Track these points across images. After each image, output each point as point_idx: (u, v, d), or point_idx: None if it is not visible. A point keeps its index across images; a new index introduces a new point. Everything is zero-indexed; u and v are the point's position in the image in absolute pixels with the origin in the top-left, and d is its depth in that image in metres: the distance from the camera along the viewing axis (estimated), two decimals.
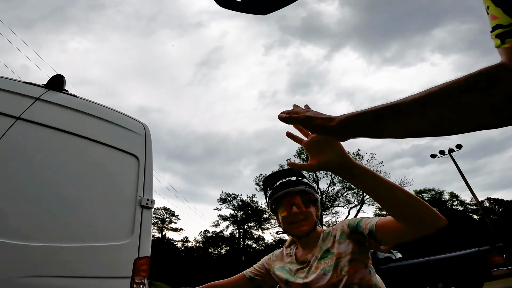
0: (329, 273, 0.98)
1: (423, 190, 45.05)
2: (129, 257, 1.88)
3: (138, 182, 2.20)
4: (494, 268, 6.35)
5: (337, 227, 1.11)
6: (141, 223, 2.07)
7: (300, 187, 1.16)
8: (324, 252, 1.07)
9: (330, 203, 27.76)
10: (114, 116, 2.24)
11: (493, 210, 42.54)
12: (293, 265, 1.15)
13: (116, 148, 2.17)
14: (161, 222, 50.69)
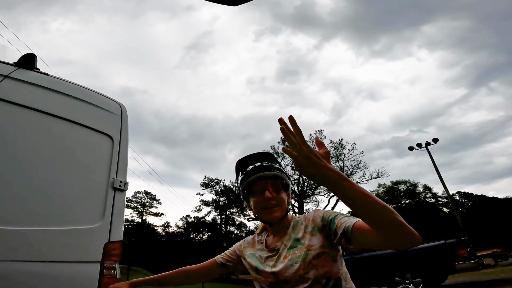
0: (296, 264, 0.98)
1: (399, 181, 46.82)
2: (99, 242, 1.79)
3: (111, 163, 2.10)
4: (458, 261, 6.48)
5: (309, 216, 1.10)
6: (113, 206, 1.97)
7: (273, 172, 1.12)
8: (294, 241, 1.06)
9: (311, 191, 28.25)
10: (88, 95, 2.14)
11: (463, 203, 44.92)
12: (263, 252, 1.13)
13: (89, 127, 2.06)
14: (141, 206, 50.08)
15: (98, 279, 1.70)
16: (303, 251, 0.99)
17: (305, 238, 1.03)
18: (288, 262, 1.00)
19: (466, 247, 6.61)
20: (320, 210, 1.08)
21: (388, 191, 46.20)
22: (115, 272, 1.78)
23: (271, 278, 1.04)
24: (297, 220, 1.13)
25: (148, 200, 50.59)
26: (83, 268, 1.70)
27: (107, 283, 1.69)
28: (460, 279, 8.71)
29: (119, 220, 1.96)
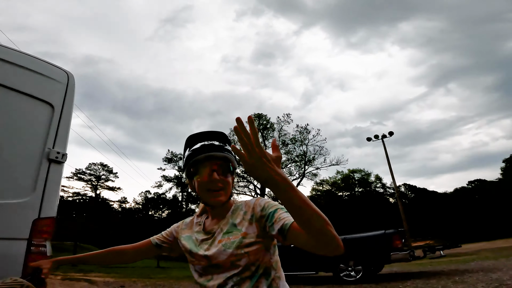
0: (229, 250, 0.97)
1: (355, 170, 49.67)
2: (27, 217, 1.61)
3: (48, 133, 1.93)
4: (393, 252, 6.69)
5: (250, 203, 1.07)
6: (47, 179, 1.78)
7: (223, 154, 1.07)
8: (231, 226, 1.03)
9: None
10: (30, 61, 2.00)
11: (406, 195, 49.04)
12: (199, 235, 1.10)
13: (26, 94, 1.91)
14: (95, 179, 47.56)
15: (23, 257, 1.52)
16: (238, 238, 0.98)
17: (242, 225, 1.02)
18: (222, 247, 0.98)
19: (402, 238, 7.02)
20: (262, 199, 1.06)
21: (345, 178, 48.89)
22: (45, 250, 1.62)
23: (204, 262, 1.01)
24: (237, 205, 1.11)
25: (104, 173, 48.03)
26: (7, 245, 1.54)
27: (35, 261, 1.53)
28: (394, 269, 9.48)
29: (53, 194, 1.77)
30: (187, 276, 10.64)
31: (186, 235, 1.15)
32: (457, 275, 6.27)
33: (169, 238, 1.21)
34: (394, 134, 21.45)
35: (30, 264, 1.15)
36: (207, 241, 1.05)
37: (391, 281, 6.59)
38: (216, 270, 0.98)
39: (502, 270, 6.26)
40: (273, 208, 0.98)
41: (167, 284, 8.72)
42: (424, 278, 6.49)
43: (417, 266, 9.61)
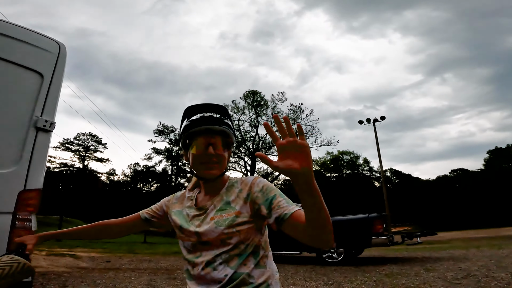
0: (221, 228, 0.95)
1: (344, 151, 50.38)
2: (11, 189, 1.54)
3: (37, 101, 1.86)
4: (374, 236, 6.72)
5: (247, 181, 1.03)
6: (34, 148, 1.70)
7: (222, 127, 1.02)
8: (225, 203, 1.01)
9: (265, 150, 28.97)
10: (20, 32, 1.97)
11: (391, 180, 50.32)
12: (191, 210, 1.07)
13: (15, 63, 1.86)
14: (84, 150, 46.74)
15: (8, 232, 1.46)
16: (231, 216, 0.96)
17: (236, 203, 0.99)
18: (214, 224, 0.96)
19: (383, 223, 7.09)
20: (260, 179, 1.02)
21: (334, 159, 49.66)
22: (30, 224, 1.56)
23: (194, 238, 0.99)
24: (232, 181, 1.06)
25: (93, 144, 47.09)
26: None
27: (20, 236, 1.47)
28: (374, 253, 9.84)
29: (39, 165, 1.70)
30: (174, 252, 10.83)
31: (176, 209, 1.11)
32: (430, 263, 6.53)
33: (158, 213, 1.17)
34: (385, 119, 21.63)
35: (14, 240, 1.09)
36: (198, 217, 1.02)
37: (369, 264, 6.84)
38: (205, 247, 0.97)
39: (471, 261, 6.52)
40: (271, 193, 0.95)
41: (153, 259, 8.85)
42: (399, 263, 6.74)
43: (394, 251, 9.94)
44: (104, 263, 7.44)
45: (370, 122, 21.85)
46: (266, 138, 28.56)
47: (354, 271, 5.91)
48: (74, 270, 5.96)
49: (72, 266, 6.39)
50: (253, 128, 28.46)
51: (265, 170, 29.70)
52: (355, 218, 7.39)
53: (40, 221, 7.77)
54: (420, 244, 7.91)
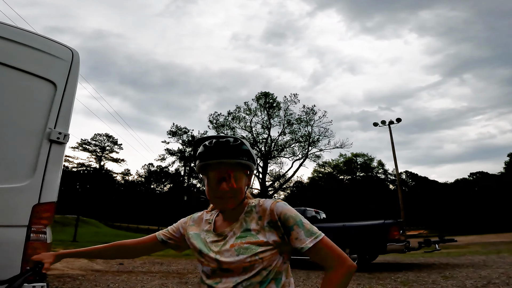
0: (243, 256, 0.93)
1: (358, 154, 49.56)
2: (26, 202, 1.56)
3: (50, 112, 1.85)
4: (390, 242, 6.60)
5: (265, 207, 0.99)
6: (47, 161, 1.71)
7: (237, 160, 0.97)
8: (244, 230, 0.98)
9: (277, 152, 28.81)
10: (32, 39, 1.92)
11: (407, 182, 49.08)
12: (209, 235, 1.04)
13: (27, 72, 1.83)
14: (100, 150, 47.97)
15: (23, 245, 1.49)
16: (253, 244, 0.94)
17: (257, 231, 0.97)
18: (235, 252, 0.94)
19: (399, 229, 6.93)
20: (278, 205, 0.97)
21: (347, 162, 48.94)
22: (45, 236, 1.58)
23: (214, 265, 0.97)
24: (251, 206, 1.03)
25: (109, 144, 48.35)
26: (6, 233, 1.49)
27: (35, 249, 1.50)
28: (388, 258, 9.58)
29: (53, 178, 1.72)
30: (186, 254, 10.90)
31: (194, 232, 1.09)
32: (448, 270, 6.32)
33: (175, 235, 1.16)
34: (401, 120, 21.12)
35: (32, 258, 1.09)
36: (217, 243, 1.00)
37: (383, 271, 6.67)
38: (226, 274, 0.95)
39: (492, 268, 6.28)
40: (291, 222, 0.94)
41: (165, 261, 8.94)
42: (415, 270, 6.55)
43: (410, 257, 9.66)
44: (118, 265, 7.56)
45: (386, 124, 21.40)
46: (278, 140, 28.45)
47: (368, 278, 5.78)
48: (88, 273, 6.08)
49: (87, 269, 6.53)
50: (265, 130, 28.39)
51: (277, 173, 29.56)
52: (370, 224, 7.25)
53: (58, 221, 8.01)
54: (437, 251, 7.68)
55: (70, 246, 12.26)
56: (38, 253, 1.52)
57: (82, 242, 14.50)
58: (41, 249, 1.53)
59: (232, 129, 27.71)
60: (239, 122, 28.04)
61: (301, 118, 27.51)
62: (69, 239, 15.27)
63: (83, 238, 16.43)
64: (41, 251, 1.53)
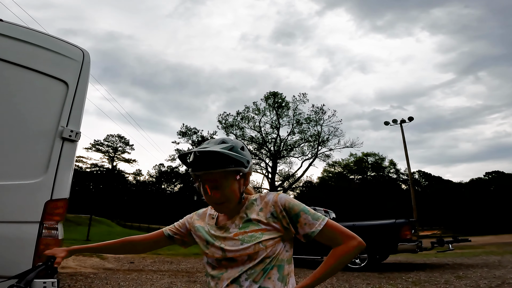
0: (247, 244, 0.95)
1: (369, 153, 48.87)
2: (38, 199, 1.60)
3: (62, 111, 1.90)
4: (401, 242, 6.53)
5: (267, 199, 1.02)
6: (60, 158, 1.75)
7: (223, 170, 0.95)
8: (246, 221, 1.01)
9: (287, 152, 28.68)
10: (44, 40, 1.97)
11: (420, 182, 48.10)
12: (212, 228, 1.07)
13: (40, 72, 1.88)
14: (113, 151, 48.88)
15: (35, 241, 1.53)
16: (256, 233, 0.96)
17: (258, 221, 0.99)
18: (239, 241, 0.97)
19: (411, 229, 6.84)
20: (281, 196, 1.01)
21: (358, 161, 48.32)
22: (57, 233, 1.62)
23: (219, 254, 0.99)
24: (252, 199, 1.05)
25: (121, 145, 49.27)
26: (18, 229, 1.53)
27: (47, 245, 1.54)
28: (399, 258, 9.40)
29: (65, 175, 1.76)
30: (195, 253, 10.99)
31: (199, 225, 1.13)
32: (461, 270, 6.18)
33: (181, 230, 1.19)
34: (414, 119, 20.72)
35: (44, 252, 1.12)
36: (221, 235, 1.02)
37: (394, 271, 6.57)
38: (230, 264, 0.97)
39: (507, 268, 6.13)
40: (296, 210, 0.98)
41: (175, 260, 9.04)
42: (427, 270, 6.43)
43: (422, 257, 9.46)
44: (128, 264, 7.68)
45: (397, 123, 21.02)
46: (287, 140, 28.35)
47: (378, 278, 5.70)
48: (100, 271, 6.20)
49: (98, 267, 6.66)
50: (274, 129, 28.29)
51: (286, 173, 29.44)
52: (381, 223, 7.17)
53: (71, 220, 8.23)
54: (451, 251, 7.53)
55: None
56: (50, 249, 1.57)
57: (94, 241, 14.77)
58: (53, 245, 1.57)
59: (241, 129, 27.74)
60: (248, 122, 28.03)
61: (310, 117, 27.31)
62: (83, 238, 15.59)
63: (95, 237, 16.74)
64: (53, 247, 1.57)
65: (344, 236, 0.95)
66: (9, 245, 1.48)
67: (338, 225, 0.97)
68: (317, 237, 0.96)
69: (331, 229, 0.96)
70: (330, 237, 0.96)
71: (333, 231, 0.96)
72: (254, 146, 27.68)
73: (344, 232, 0.96)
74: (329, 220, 0.97)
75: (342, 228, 0.96)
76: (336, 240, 0.95)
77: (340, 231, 0.96)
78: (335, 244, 0.96)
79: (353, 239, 0.95)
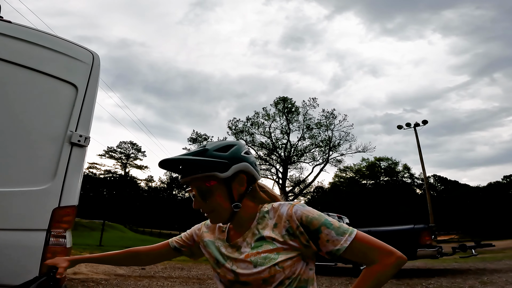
0: (261, 267, 0.83)
1: (382, 158, 47.98)
2: (46, 206, 1.55)
3: (71, 115, 1.84)
4: (421, 248, 6.37)
5: (281, 213, 0.88)
6: (68, 164, 1.70)
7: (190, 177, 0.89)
8: (258, 239, 0.88)
9: (297, 158, 28.43)
10: (54, 42, 1.93)
11: (435, 187, 46.85)
12: (223, 245, 0.97)
13: (49, 75, 1.83)
14: (125, 157, 49.67)
15: (42, 249, 1.48)
16: (271, 254, 0.84)
17: (273, 239, 0.86)
18: (251, 264, 0.85)
19: (431, 235, 6.66)
20: (297, 208, 0.86)
21: (370, 166, 47.49)
22: (65, 241, 1.56)
23: (231, 276, 0.89)
24: (264, 211, 0.93)
25: (133, 151, 50.07)
26: (25, 237, 1.48)
27: (54, 253, 1.49)
28: (417, 264, 9.09)
29: (74, 181, 1.71)
30: (205, 259, 10.92)
31: (208, 239, 1.03)
32: (485, 275, 5.93)
33: (188, 242, 1.10)
34: (428, 123, 20.20)
35: (45, 262, 1.07)
36: (232, 254, 0.92)
37: (413, 277, 6.34)
38: (245, 287, 0.87)
39: None
40: (316, 224, 0.83)
41: (186, 267, 8.98)
42: (449, 276, 6.18)
43: (442, 262, 9.09)
44: (140, 270, 7.65)
45: (410, 126, 20.55)
46: (297, 145, 28.13)
47: (396, 285, 5.48)
48: (111, 277, 6.17)
49: (110, 273, 6.64)
50: (284, 135, 28.14)
51: (297, 178, 29.14)
52: (399, 229, 7.02)
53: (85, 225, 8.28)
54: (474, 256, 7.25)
55: (96, 250, 12.60)
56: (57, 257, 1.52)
57: (107, 246, 14.89)
58: (60, 254, 1.51)
59: (251, 135, 27.73)
60: (258, 128, 28.00)
61: (320, 122, 27.07)
62: (96, 243, 15.74)
63: (108, 243, 16.88)
64: (61, 256, 1.52)
65: (379, 252, 0.79)
66: (15, 253, 1.43)
67: (370, 239, 0.81)
68: (344, 254, 0.81)
69: (361, 245, 0.80)
70: (361, 254, 0.81)
71: (364, 247, 0.80)
72: (264, 152, 27.58)
73: (379, 247, 0.80)
74: (359, 233, 0.82)
75: (375, 241, 0.81)
76: (369, 258, 0.80)
77: (373, 246, 0.80)
78: (368, 262, 0.81)
79: (390, 255, 0.79)
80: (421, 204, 27.61)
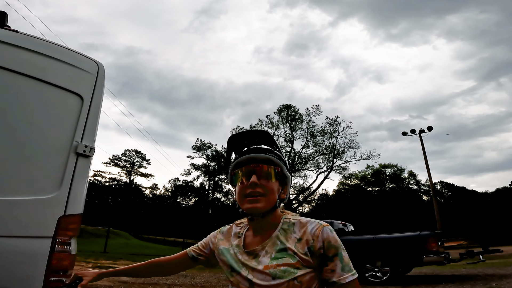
0: (280, 280, 0.84)
1: (387, 165, 47.61)
2: (52, 215, 1.60)
3: (77, 125, 1.88)
4: (427, 254, 6.39)
5: (307, 230, 0.91)
6: (74, 174, 1.75)
7: (267, 155, 0.94)
8: (280, 250, 0.90)
9: (301, 165, 28.39)
10: (60, 52, 1.95)
11: (442, 193, 46.24)
12: (239, 252, 0.97)
13: (55, 85, 1.86)
14: (130, 165, 49.97)
15: (47, 256, 1.53)
16: (291, 268, 0.86)
17: (295, 253, 0.88)
18: (270, 275, 0.86)
19: (437, 241, 6.63)
20: (326, 230, 0.89)
21: (375, 173, 47.13)
22: (70, 248, 1.61)
23: (245, 285, 0.90)
24: (288, 223, 0.95)
25: (138, 160, 50.40)
26: (31, 244, 1.53)
27: (60, 260, 1.54)
28: (424, 270, 8.97)
29: (79, 190, 1.76)
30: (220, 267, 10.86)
31: (223, 247, 1.04)
32: (494, 281, 5.86)
33: (205, 251, 1.13)
34: (434, 129, 20.12)
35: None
36: (249, 262, 0.92)
37: (420, 283, 6.28)
38: None
39: None
40: (331, 252, 0.87)
41: (189, 274, 8.96)
42: (457, 282, 6.11)
43: (449, 268, 8.96)
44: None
45: (416, 133, 20.46)
46: (301, 153, 28.08)
47: None
48: (115, 284, 6.19)
49: (114, 280, 6.65)
50: (288, 143, 28.15)
51: (301, 186, 29.02)
52: (405, 236, 6.96)
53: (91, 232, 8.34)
54: (482, 262, 7.15)
55: (101, 257, 12.65)
56: (62, 264, 1.56)
57: (112, 253, 14.94)
58: (65, 261, 1.56)
59: None
60: None
61: (324, 130, 27.07)
62: (100, 250, 15.79)
63: (113, 249, 16.91)
64: (66, 262, 1.56)
65: None
66: (21, 260, 1.48)
67: None
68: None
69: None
70: None
71: None
72: None
73: None
74: (357, 281, 0.87)
75: None
76: None
77: None
78: None
79: None
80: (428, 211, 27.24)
